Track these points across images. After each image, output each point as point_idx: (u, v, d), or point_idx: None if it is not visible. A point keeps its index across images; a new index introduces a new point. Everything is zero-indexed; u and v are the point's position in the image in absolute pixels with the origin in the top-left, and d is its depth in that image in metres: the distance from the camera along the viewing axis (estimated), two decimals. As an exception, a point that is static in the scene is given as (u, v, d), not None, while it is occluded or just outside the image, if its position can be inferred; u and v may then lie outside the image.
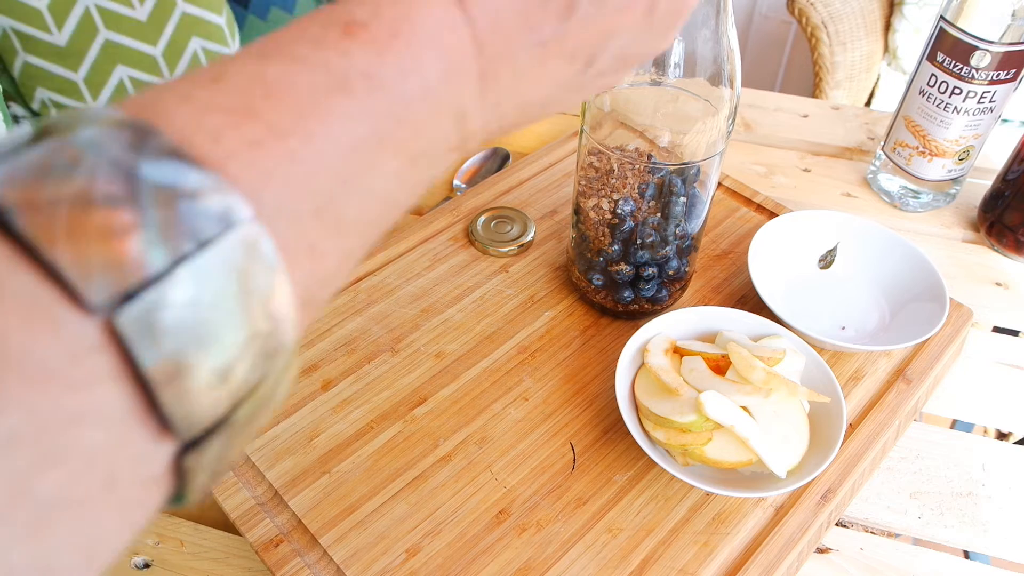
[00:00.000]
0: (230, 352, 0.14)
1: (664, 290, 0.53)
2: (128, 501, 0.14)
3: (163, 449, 0.14)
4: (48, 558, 0.13)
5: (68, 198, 0.13)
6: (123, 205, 0.13)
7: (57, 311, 0.13)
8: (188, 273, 0.14)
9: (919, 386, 0.52)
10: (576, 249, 0.54)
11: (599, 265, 0.52)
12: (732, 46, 0.43)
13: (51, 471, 0.12)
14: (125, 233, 0.13)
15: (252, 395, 0.16)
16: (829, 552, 0.46)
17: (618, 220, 0.49)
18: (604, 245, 0.51)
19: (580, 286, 0.55)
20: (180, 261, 0.14)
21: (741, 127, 0.80)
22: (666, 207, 0.49)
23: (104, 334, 0.13)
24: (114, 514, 0.14)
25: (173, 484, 0.15)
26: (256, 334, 0.15)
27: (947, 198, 0.69)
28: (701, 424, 0.43)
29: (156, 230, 0.13)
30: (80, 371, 0.13)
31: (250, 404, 0.16)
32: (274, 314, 0.15)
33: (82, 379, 0.13)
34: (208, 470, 0.16)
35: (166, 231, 0.13)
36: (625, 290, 0.52)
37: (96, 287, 0.13)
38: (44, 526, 0.13)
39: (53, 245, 0.13)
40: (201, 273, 0.14)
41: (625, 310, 0.54)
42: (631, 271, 0.51)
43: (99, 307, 0.13)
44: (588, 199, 0.51)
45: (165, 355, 0.13)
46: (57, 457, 0.13)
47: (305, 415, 0.49)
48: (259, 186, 0.15)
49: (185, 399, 0.14)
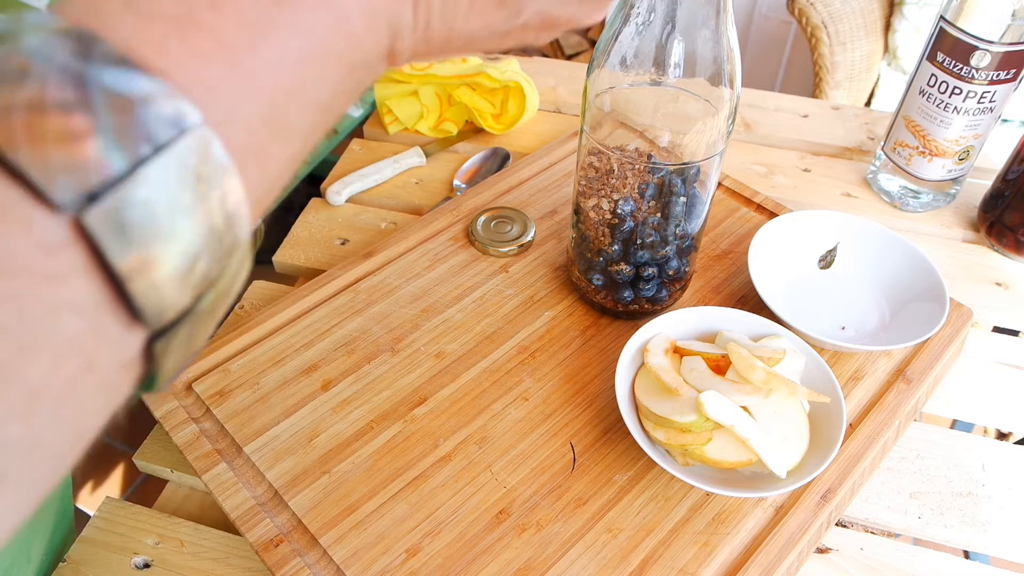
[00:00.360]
0: (191, 247, 0.16)
1: (664, 290, 0.53)
2: (106, 385, 0.16)
3: (134, 337, 0.16)
4: (39, 434, 0.14)
5: (23, 104, 0.14)
6: (77, 110, 0.14)
7: (27, 210, 0.14)
8: (147, 174, 0.15)
9: (919, 386, 0.52)
10: (576, 249, 0.54)
11: (599, 265, 0.52)
12: (732, 46, 0.43)
13: (36, 356, 0.14)
14: (83, 137, 0.14)
15: (213, 287, 0.17)
16: (829, 552, 0.46)
17: (618, 220, 0.49)
18: (604, 245, 0.51)
19: (580, 286, 0.55)
20: (139, 164, 0.14)
21: (741, 127, 0.80)
22: (666, 207, 0.49)
23: (73, 231, 0.14)
24: (94, 396, 0.16)
25: (144, 369, 0.17)
26: (214, 230, 0.16)
27: (947, 198, 0.69)
28: (701, 424, 0.43)
29: (112, 134, 0.14)
30: (54, 264, 0.14)
31: (211, 295, 0.17)
32: (229, 212, 0.16)
33: (56, 272, 0.14)
34: (175, 356, 0.17)
35: (122, 135, 0.14)
36: (625, 290, 0.52)
37: (61, 187, 0.14)
38: (34, 406, 0.14)
39: (15, 148, 0.13)
40: (160, 174, 0.15)
41: (625, 310, 0.54)
42: (631, 271, 0.51)
43: (66, 206, 0.14)
44: (588, 199, 0.51)
45: (131, 251, 0.14)
46: (39, 343, 0.14)
47: (305, 415, 0.49)
48: (206, 96, 0.16)
49: (152, 291, 0.15)
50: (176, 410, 0.49)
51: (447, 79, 0.76)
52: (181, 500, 0.49)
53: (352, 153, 0.77)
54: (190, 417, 0.49)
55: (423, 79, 0.77)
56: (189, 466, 0.47)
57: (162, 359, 0.17)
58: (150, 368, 0.17)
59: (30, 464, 0.15)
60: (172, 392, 0.50)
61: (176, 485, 0.50)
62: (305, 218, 0.69)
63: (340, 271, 0.58)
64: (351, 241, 0.66)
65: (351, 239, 0.66)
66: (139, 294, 0.15)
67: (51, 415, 0.14)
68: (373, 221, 0.68)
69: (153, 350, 0.16)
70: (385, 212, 0.69)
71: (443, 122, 0.78)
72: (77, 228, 0.14)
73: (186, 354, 0.18)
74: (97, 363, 0.15)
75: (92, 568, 0.44)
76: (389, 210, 0.70)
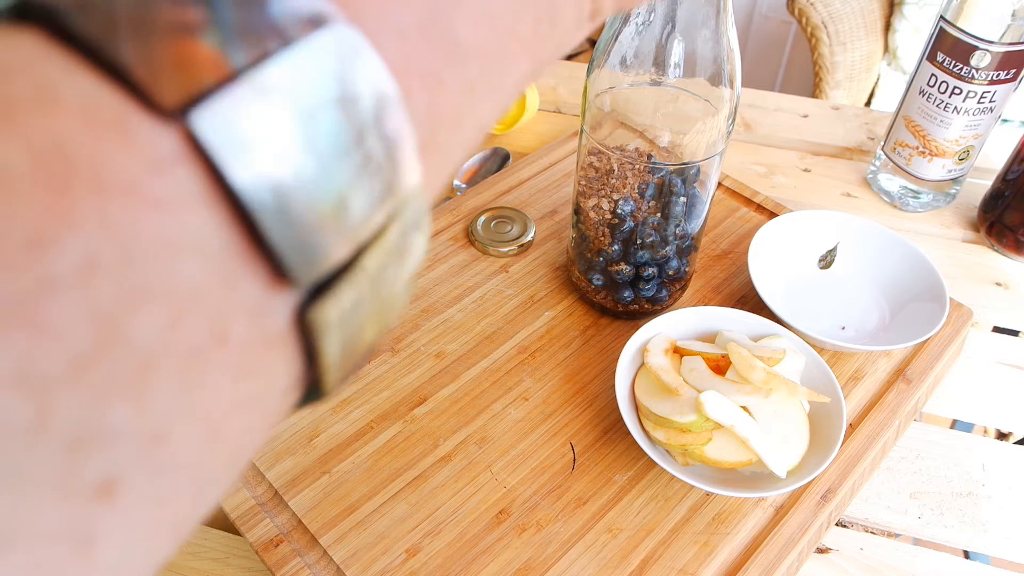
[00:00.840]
0: (340, 175, 0.12)
1: (664, 290, 0.53)
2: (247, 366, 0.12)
3: (280, 300, 0.12)
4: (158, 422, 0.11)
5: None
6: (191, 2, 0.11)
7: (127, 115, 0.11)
8: (276, 74, 0.11)
9: (919, 386, 0.52)
10: (576, 249, 0.54)
11: (599, 265, 0.52)
12: (732, 46, 0.43)
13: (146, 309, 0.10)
14: (197, 30, 0.11)
15: (379, 242, 0.13)
16: (829, 552, 0.46)
17: (618, 220, 0.49)
18: (604, 245, 0.51)
19: (580, 286, 0.55)
20: (264, 58, 0.11)
21: (741, 127, 0.80)
22: (666, 207, 0.49)
23: (185, 144, 0.11)
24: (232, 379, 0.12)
25: (301, 354, 0.13)
26: (369, 157, 0.13)
27: (947, 198, 0.69)
28: (701, 424, 0.43)
29: (233, 28, 0.11)
30: (162, 186, 0.11)
31: (378, 254, 0.13)
32: (389, 139, 0.13)
33: (166, 196, 0.11)
34: (339, 336, 0.13)
35: (244, 29, 0.11)
36: (625, 290, 0.52)
37: (169, 87, 0.11)
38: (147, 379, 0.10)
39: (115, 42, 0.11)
40: (292, 74, 0.12)
41: (625, 310, 0.54)
42: (631, 271, 0.51)
43: (175, 110, 0.11)
44: (588, 199, 0.51)
45: (259, 171, 0.11)
46: (150, 291, 0.10)
47: (305, 415, 0.49)
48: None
49: (294, 228, 0.12)
50: (176, 410, 0.49)
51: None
52: (181, 500, 0.49)
53: (352, 153, 0.77)
54: (190, 417, 0.49)
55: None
56: (189, 466, 0.47)
57: (322, 338, 0.13)
58: (309, 352, 0.13)
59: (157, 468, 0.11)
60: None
61: (176, 485, 0.50)
62: (305, 218, 0.69)
63: (340, 271, 0.58)
64: (351, 241, 0.66)
65: (351, 239, 0.66)
66: (276, 232, 0.11)
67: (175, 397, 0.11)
68: (373, 221, 0.68)
69: (308, 323, 0.12)
70: (385, 212, 0.69)
71: (443, 122, 0.78)
72: (190, 141, 0.11)
73: (356, 341, 0.14)
74: (231, 331, 0.11)
75: (92, 568, 0.44)
76: (389, 210, 0.70)
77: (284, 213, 0.11)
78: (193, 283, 0.11)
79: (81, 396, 0.10)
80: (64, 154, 0.10)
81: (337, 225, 0.12)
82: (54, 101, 0.10)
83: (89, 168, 0.10)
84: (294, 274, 0.12)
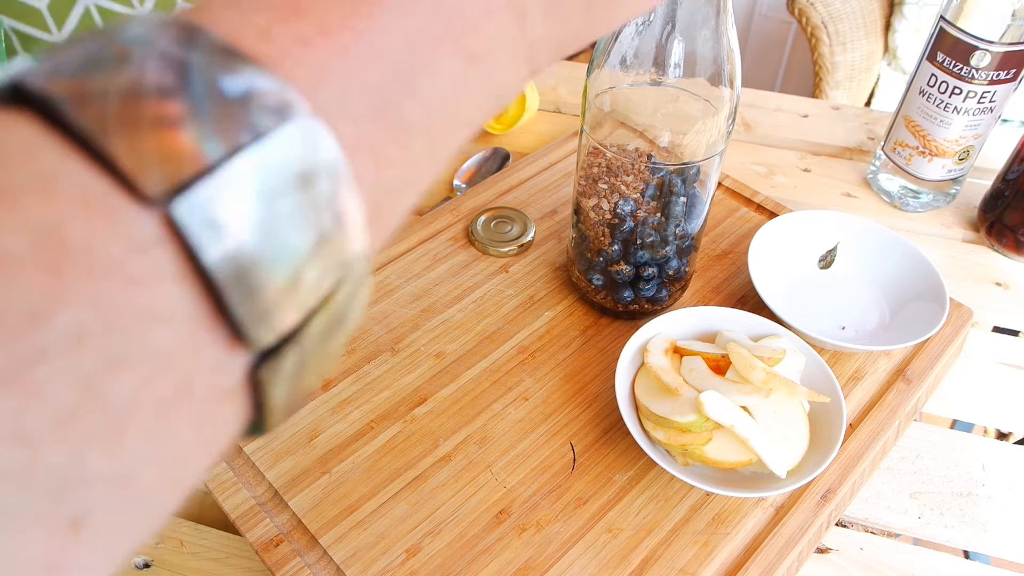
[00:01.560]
0: (296, 252, 0.14)
1: (664, 290, 0.53)
2: (205, 415, 0.14)
3: (236, 360, 0.14)
4: (128, 468, 0.12)
5: (118, 90, 0.13)
6: (175, 96, 0.13)
7: (114, 202, 0.12)
8: (247, 164, 0.13)
9: (919, 386, 0.52)
10: (576, 249, 0.54)
11: (599, 265, 0.52)
12: (732, 46, 0.43)
13: (123, 372, 0.12)
14: (179, 123, 0.13)
15: (325, 307, 0.15)
16: (829, 552, 0.46)
17: (618, 220, 0.49)
18: (604, 245, 0.51)
19: (580, 286, 0.55)
20: (237, 151, 0.13)
21: (741, 127, 0.80)
22: (666, 207, 0.49)
23: (164, 228, 0.12)
24: (192, 428, 0.14)
25: (250, 404, 0.15)
26: (323, 235, 0.14)
27: (947, 198, 0.69)
28: (701, 424, 0.43)
29: (210, 121, 0.13)
30: (143, 265, 0.12)
31: (324, 318, 0.15)
32: (341, 214, 0.15)
33: (145, 274, 0.12)
34: (284, 388, 0.15)
35: (220, 123, 0.13)
36: (625, 290, 0.52)
37: (152, 177, 0.12)
38: (120, 432, 0.12)
39: (105, 135, 0.12)
40: (260, 164, 0.13)
41: (625, 310, 0.54)
42: (631, 271, 0.51)
43: (157, 198, 0.12)
44: (588, 199, 0.51)
45: (228, 251, 0.13)
46: (127, 357, 0.12)
47: (305, 415, 0.49)
48: (312, 83, 0.15)
49: (254, 301, 0.13)
50: (176, 410, 0.49)
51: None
52: (181, 500, 0.49)
53: (352, 153, 0.77)
54: (190, 417, 0.49)
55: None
56: (189, 466, 0.47)
57: (269, 391, 0.15)
58: (256, 402, 0.15)
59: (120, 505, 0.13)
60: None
61: (176, 485, 0.50)
62: (305, 218, 0.69)
63: (340, 271, 0.58)
64: (351, 241, 0.66)
65: (351, 239, 0.66)
66: (238, 304, 0.13)
67: (143, 445, 0.12)
68: (373, 221, 0.68)
69: (259, 379, 0.15)
70: (385, 212, 0.69)
71: (443, 122, 0.78)
72: (168, 225, 0.12)
73: (297, 390, 0.16)
74: (195, 387, 0.13)
75: (92, 568, 0.44)
76: (389, 210, 0.70)
77: (246, 287, 0.13)
78: (165, 348, 0.13)
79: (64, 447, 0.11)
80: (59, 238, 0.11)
81: (291, 296, 0.14)
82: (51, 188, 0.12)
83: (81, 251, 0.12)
84: (251, 338, 0.14)
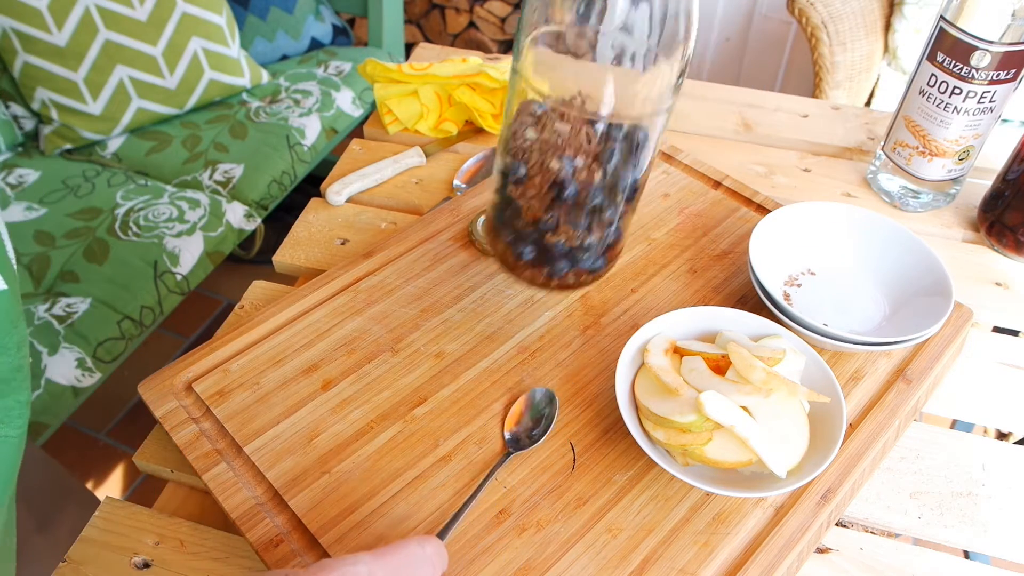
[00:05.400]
0: None
1: (602, 259, 0.49)
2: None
3: None
4: None
5: None
6: None
7: None
8: None
9: (919, 386, 0.52)
10: (498, 218, 0.48)
11: (531, 236, 0.46)
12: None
13: None
14: None
15: None
16: (829, 552, 0.46)
17: (562, 183, 0.43)
18: (540, 212, 0.45)
19: (505, 260, 0.49)
20: None
21: (741, 127, 0.80)
22: (611, 165, 0.43)
23: None
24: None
25: None
26: None
27: (947, 198, 0.70)
28: (701, 424, 0.43)
29: None
30: None
31: None
32: None
33: None
34: None
35: None
36: (560, 261, 0.47)
37: None
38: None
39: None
40: None
41: (560, 284, 0.49)
42: (572, 239, 0.46)
43: None
44: (522, 157, 0.44)
45: None
46: None
47: (305, 415, 0.49)
48: None
49: None
50: (176, 410, 0.49)
51: (447, 79, 0.76)
52: (181, 500, 0.49)
53: (352, 153, 0.77)
54: (190, 417, 0.49)
55: (423, 79, 0.77)
56: (189, 466, 0.47)
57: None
58: None
59: None
60: (172, 392, 0.50)
61: (176, 485, 0.50)
62: (305, 218, 0.69)
63: (340, 271, 0.58)
64: (351, 241, 0.66)
65: (351, 239, 0.66)
66: None
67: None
68: (373, 221, 0.68)
69: None
70: (385, 212, 0.69)
71: (443, 122, 0.78)
72: None
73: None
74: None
75: (92, 568, 0.44)
76: (389, 210, 0.70)
77: None
78: None
79: None
80: None
81: None
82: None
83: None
84: None
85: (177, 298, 1.13)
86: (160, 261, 1.11)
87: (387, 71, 0.78)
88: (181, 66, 1.31)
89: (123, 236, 1.13)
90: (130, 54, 1.26)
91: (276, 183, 1.29)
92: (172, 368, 0.51)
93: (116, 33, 1.25)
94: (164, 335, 1.58)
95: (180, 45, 1.30)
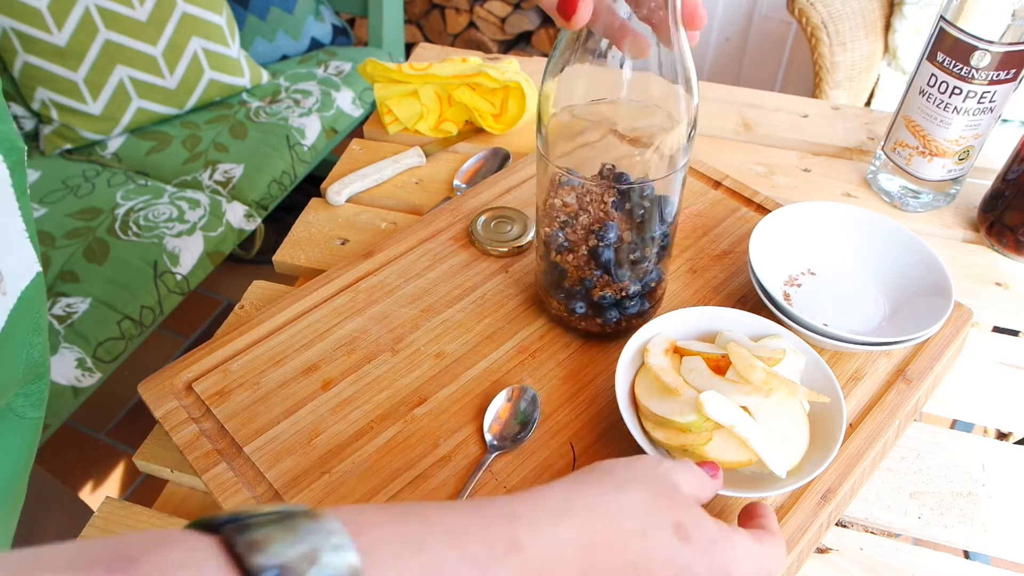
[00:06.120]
0: None
1: (646, 302, 0.52)
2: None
3: None
4: None
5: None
6: None
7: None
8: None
9: (919, 386, 0.52)
10: (548, 281, 0.52)
11: (579, 293, 0.51)
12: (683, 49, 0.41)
13: None
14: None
15: None
16: (829, 552, 0.46)
17: (601, 247, 0.48)
18: (585, 273, 0.49)
19: (560, 316, 0.53)
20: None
21: (741, 127, 0.80)
22: (641, 221, 0.47)
23: None
24: None
25: None
26: None
27: (947, 198, 0.69)
28: (701, 424, 0.43)
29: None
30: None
31: None
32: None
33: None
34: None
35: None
36: (610, 311, 0.51)
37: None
38: None
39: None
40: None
41: (614, 330, 0.53)
42: (615, 293, 0.50)
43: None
44: (561, 230, 0.49)
45: None
46: None
47: (305, 415, 0.49)
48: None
49: None
50: (176, 410, 0.49)
51: (447, 79, 0.76)
52: (181, 500, 0.49)
53: (352, 153, 0.77)
54: (190, 417, 0.49)
55: (423, 79, 0.77)
56: (189, 466, 0.47)
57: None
58: None
59: None
60: (172, 392, 0.50)
61: (176, 485, 0.50)
62: (305, 218, 0.69)
63: (340, 271, 0.58)
64: (351, 241, 0.66)
65: (351, 239, 0.66)
66: None
67: None
68: (373, 221, 0.68)
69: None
70: (385, 212, 0.69)
71: (443, 122, 0.78)
72: None
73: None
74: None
75: (92, 568, 0.44)
76: (389, 210, 0.70)
77: None
78: None
79: None
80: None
81: None
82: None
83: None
84: None
85: (177, 298, 1.13)
86: (160, 261, 1.11)
87: (387, 71, 0.78)
88: (181, 66, 1.31)
89: (123, 236, 1.13)
90: (130, 54, 1.26)
91: (276, 183, 1.29)
92: (172, 368, 0.51)
93: (116, 33, 1.25)
94: (164, 335, 1.58)
95: (180, 45, 1.30)
